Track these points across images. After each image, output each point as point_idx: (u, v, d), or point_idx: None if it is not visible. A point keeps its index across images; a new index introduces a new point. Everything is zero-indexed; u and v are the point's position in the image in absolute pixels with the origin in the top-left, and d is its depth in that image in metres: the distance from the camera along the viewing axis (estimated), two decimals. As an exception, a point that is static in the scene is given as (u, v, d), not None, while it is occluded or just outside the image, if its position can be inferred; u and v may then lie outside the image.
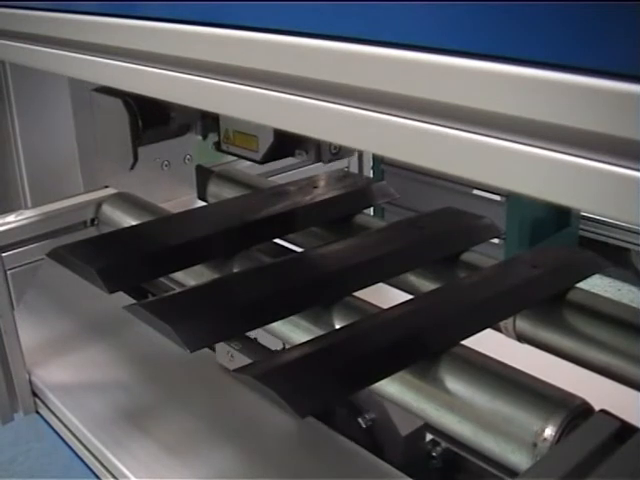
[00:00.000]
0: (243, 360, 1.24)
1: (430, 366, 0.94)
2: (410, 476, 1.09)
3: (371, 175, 2.18)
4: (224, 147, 1.29)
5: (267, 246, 1.35)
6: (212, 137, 1.41)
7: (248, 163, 1.93)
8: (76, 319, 1.65)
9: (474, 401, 0.90)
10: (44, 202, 1.71)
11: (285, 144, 1.22)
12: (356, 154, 2.01)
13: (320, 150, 1.24)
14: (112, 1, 0.81)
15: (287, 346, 1.11)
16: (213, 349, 1.40)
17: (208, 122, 1.37)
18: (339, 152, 1.28)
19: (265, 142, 1.20)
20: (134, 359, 1.50)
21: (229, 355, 1.29)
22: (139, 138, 1.31)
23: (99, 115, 1.42)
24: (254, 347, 1.31)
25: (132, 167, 1.30)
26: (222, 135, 1.29)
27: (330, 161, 1.29)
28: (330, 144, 1.23)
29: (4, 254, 1.47)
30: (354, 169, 2.11)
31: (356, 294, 1.12)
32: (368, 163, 2.13)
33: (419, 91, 0.49)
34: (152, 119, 1.33)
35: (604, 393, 0.93)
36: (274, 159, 1.22)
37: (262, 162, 1.22)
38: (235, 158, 1.94)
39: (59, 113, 1.84)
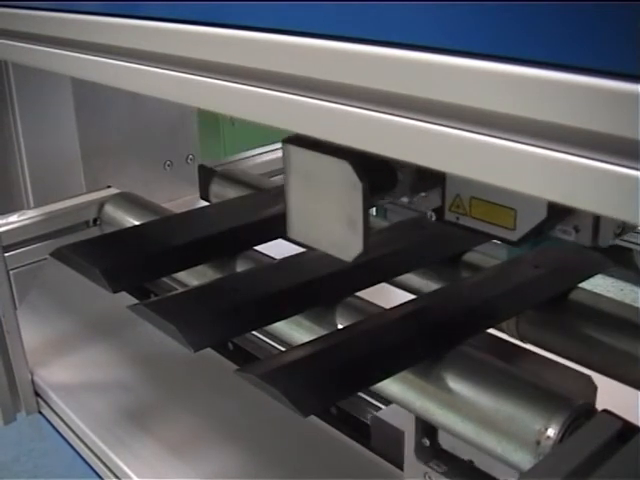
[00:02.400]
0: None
1: (433, 366, 0.94)
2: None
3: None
4: (450, 217, 0.92)
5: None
6: (431, 200, 0.97)
7: (251, 163, 1.95)
8: (78, 319, 1.65)
9: (477, 400, 0.90)
10: (46, 202, 1.72)
11: (551, 219, 0.88)
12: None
13: (598, 229, 0.89)
14: (115, 1, 0.81)
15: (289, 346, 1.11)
16: (215, 349, 1.40)
17: (426, 182, 0.96)
18: (622, 231, 0.92)
19: (528, 218, 0.86)
20: (136, 359, 1.50)
21: (427, 477, 1.05)
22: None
23: (298, 179, 0.91)
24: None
25: (361, 255, 0.87)
26: (449, 201, 0.92)
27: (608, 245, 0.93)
28: (613, 222, 0.89)
29: (7, 254, 1.47)
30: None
31: (359, 294, 1.12)
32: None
33: (420, 91, 0.49)
34: (380, 184, 0.91)
35: (607, 393, 0.93)
36: (532, 238, 0.89)
37: (517, 244, 0.88)
38: (237, 157, 1.95)
39: (61, 113, 1.84)
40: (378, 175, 0.86)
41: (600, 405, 0.88)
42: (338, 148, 0.68)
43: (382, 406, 1.16)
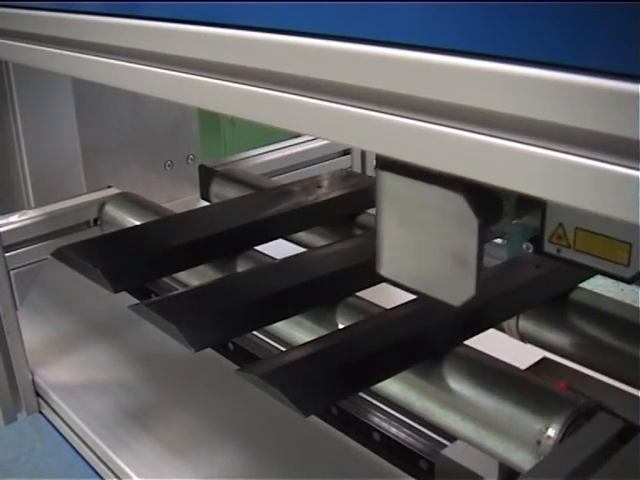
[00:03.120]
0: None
1: (434, 366, 0.94)
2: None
3: (374, 175, 2.18)
4: (549, 249, 0.82)
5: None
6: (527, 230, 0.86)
7: (251, 163, 1.95)
8: (79, 319, 1.65)
9: (477, 400, 0.90)
10: (47, 202, 1.72)
11: None
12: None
13: None
14: (115, 1, 0.81)
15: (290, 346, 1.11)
16: (216, 349, 1.40)
17: (525, 210, 0.83)
18: None
19: None
20: (137, 359, 1.50)
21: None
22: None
23: (394, 210, 0.81)
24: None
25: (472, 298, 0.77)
26: (550, 231, 0.82)
27: None
28: None
29: (7, 254, 1.47)
30: (357, 169, 2.11)
31: (359, 294, 1.12)
32: (371, 163, 2.12)
33: (420, 91, 0.49)
34: (488, 217, 0.76)
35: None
36: None
37: (631, 282, 0.78)
38: (238, 157, 1.95)
39: (62, 113, 1.84)
40: (488, 208, 0.74)
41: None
42: (448, 178, 0.60)
43: (385, 407, 1.16)
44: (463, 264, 0.74)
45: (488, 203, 0.74)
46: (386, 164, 0.76)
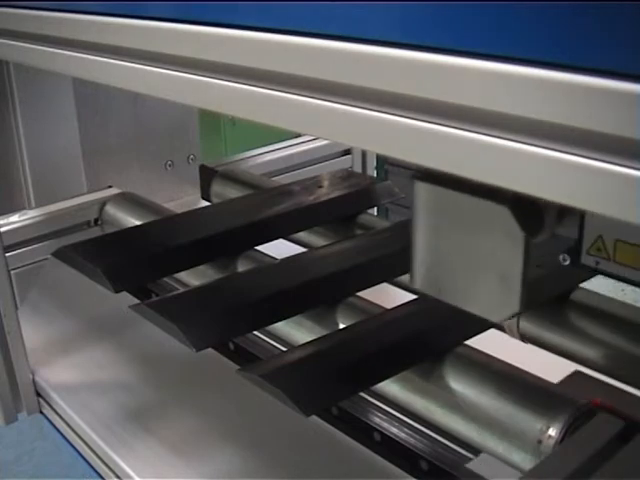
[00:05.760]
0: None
1: (434, 366, 0.94)
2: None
3: (375, 175, 2.18)
4: (587, 261, 0.79)
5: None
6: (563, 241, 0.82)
7: (252, 163, 1.95)
8: (79, 319, 1.66)
9: (478, 400, 0.90)
10: (48, 202, 1.72)
11: None
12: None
13: None
14: (115, 1, 0.81)
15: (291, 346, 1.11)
16: (217, 349, 1.40)
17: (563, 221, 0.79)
18: None
19: None
20: (137, 359, 1.50)
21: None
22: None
23: (434, 222, 0.77)
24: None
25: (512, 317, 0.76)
26: (588, 243, 0.79)
27: None
28: None
29: (8, 254, 1.47)
30: (358, 169, 2.11)
31: (360, 294, 1.12)
32: (372, 163, 2.13)
33: (420, 91, 0.49)
34: (531, 230, 0.73)
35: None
36: None
37: None
38: (238, 157, 1.95)
39: (63, 113, 1.84)
40: (531, 220, 0.72)
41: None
42: (491, 189, 0.55)
43: (382, 406, 1.16)
44: (507, 280, 0.72)
45: (532, 215, 0.72)
46: (423, 175, 0.73)
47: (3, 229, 1.52)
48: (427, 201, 0.75)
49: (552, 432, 0.83)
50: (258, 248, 1.29)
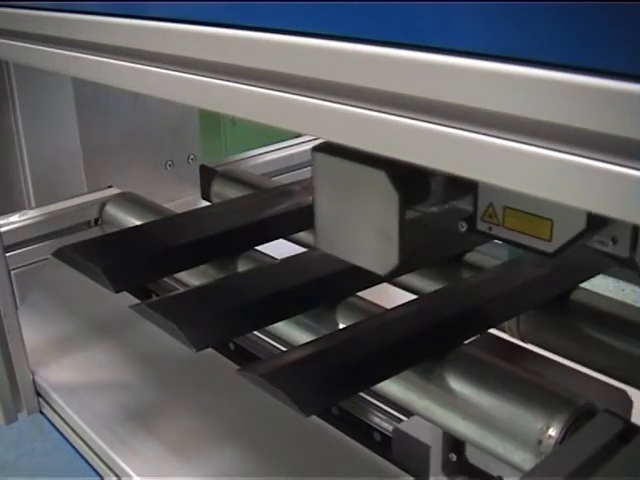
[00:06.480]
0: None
1: (434, 365, 0.94)
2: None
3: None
4: (482, 227, 0.87)
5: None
6: (461, 209, 0.93)
7: (252, 163, 1.95)
8: (79, 319, 1.66)
9: (479, 400, 0.90)
10: (48, 202, 1.72)
11: (589, 230, 0.83)
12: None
13: (637, 239, 0.85)
14: (115, 1, 0.81)
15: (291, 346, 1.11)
16: (217, 349, 1.40)
17: (457, 191, 0.92)
18: None
19: (566, 229, 0.81)
20: (137, 359, 1.50)
21: None
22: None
23: (329, 188, 0.87)
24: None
25: (396, 272, 0.84)
26: (482, 211, 0.87)
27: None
28: None
29: (8, 254, 1.47)
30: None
31: (360, 294, 1.12)
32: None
33: (420, 91, 0.49)
34: (414, 194, 0.86)
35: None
36: (567, 249, 0.84)
37: (554, 256, 0.84)
38: (239, 157, 1.95)
39: (63, 113, 1.84)
40: (412, 185, 0.82)
41: (602, 405, 0.88)
42: (373, 157, 0.64)
43: (382, 406, 1.16)
44: (387, 237, 0.82)
45: (413, 181, 0.82)
46: (319, 147, 0.83)
47: (3, 229, 1.52)
48: (323, 170, 0.85)
49: (552, 432, 0.83)
50: (258, 248, 1.29)
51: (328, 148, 0.83)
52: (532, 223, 0.83)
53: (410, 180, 0.80)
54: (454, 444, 1.00)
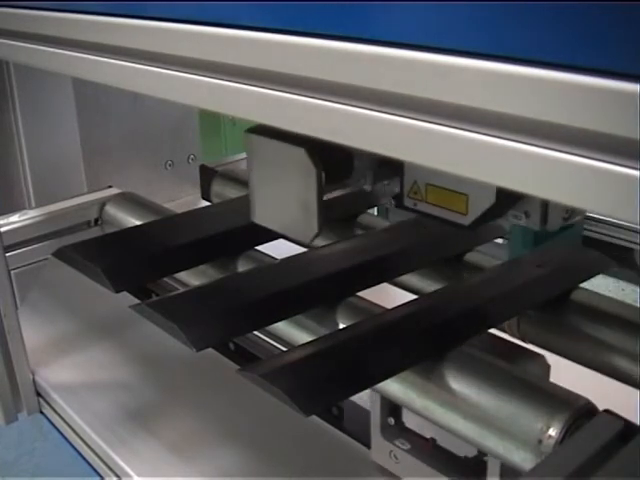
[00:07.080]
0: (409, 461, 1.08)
1: (434, 365, 0.94)
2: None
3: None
4: (408, 203, 0.95)
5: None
6: (392, 187, 1.03)
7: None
8: (80, 319, 1.65)
9: (478, 400, 0.90)
10: (48, 202, 1.72)
11: (501, 204, 0.91)
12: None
13: (547, 214, 0.92)
14: (116, 1, 0.81)
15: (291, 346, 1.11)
16: (217, 349, 1.40)
17: (387, 170, 1.01)
18: (570, 216, 0.96)
19: (479, 203, 0.88)
20: (138, 359, 1.50)
21: (392, 455, 1.09)
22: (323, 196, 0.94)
23: (260, 166, 0.96)
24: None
25: (315, 237, 0.93)
26: (408, 188, 0.95)
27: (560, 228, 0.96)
28: (560, 207, 0.93)
29: (8, 254, 1.47)
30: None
31: (360, 294, 1.12)
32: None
33: (420, 91, 0.49)
34: (336, 171, 0.95)
35: (608, 393, 0.93)
36: (483, 223, 0.91)
37: (469, 228, 0.91)
38: (239, 157, 1.95)
39: (63, 113, 1.84)
40: (334, 162, 0.91)
41: (602, 405, 0.88)
42: (296, 136, 0.68)
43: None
44: (308, 209, 0.90)
45: (334, 158, 0.90)
46: (252, 129, 0.92)
47: (3, 229, 1.52)
48: (254, 149, 0.94)
49: (552, 432, 0.83)
50: (258, 248, 1.29)
51: (259, 130, 0.92)
52: (450, 198, 0.90)
53: (331, 157, 0.88)
54: (392, 409, 1.07)
